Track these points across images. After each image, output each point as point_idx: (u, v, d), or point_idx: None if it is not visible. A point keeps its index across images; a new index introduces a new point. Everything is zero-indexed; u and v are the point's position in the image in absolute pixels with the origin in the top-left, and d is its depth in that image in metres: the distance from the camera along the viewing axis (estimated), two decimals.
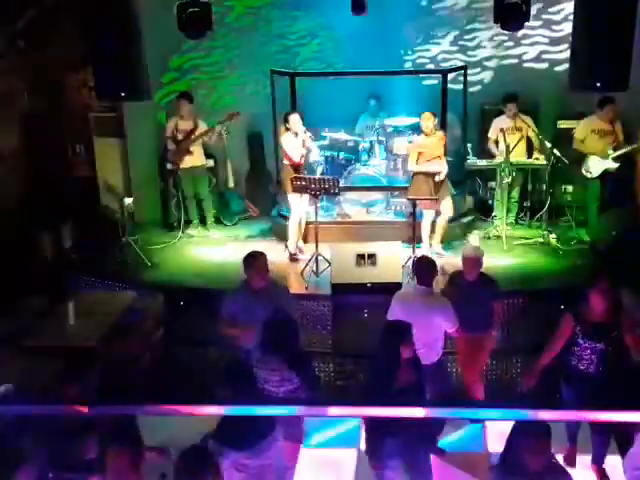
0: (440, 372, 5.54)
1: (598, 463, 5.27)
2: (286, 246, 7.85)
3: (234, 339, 5.51)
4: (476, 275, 5.64)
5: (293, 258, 7.74)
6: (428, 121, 7.40)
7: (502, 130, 8.02)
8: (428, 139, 7.49)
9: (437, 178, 7.44)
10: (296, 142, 7.56)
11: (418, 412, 2.46)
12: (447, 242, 7.89)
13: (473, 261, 5.67)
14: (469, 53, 8.94)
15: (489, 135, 8.29)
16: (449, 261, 7.30)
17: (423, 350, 5.05)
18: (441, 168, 7.45)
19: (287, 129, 7.60)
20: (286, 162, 7.65)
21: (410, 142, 7.90)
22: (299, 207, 7.72)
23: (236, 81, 9.13)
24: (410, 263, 7.03)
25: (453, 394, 5.78)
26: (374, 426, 4.53)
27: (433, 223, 7.69)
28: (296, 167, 7.60)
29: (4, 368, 5.34)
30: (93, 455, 4.03)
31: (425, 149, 7.48)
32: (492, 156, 8.20)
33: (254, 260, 5.53)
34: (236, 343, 5.48)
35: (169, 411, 2.41)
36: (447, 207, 7.62)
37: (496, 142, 8.23)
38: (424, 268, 5.51)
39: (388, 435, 4.41)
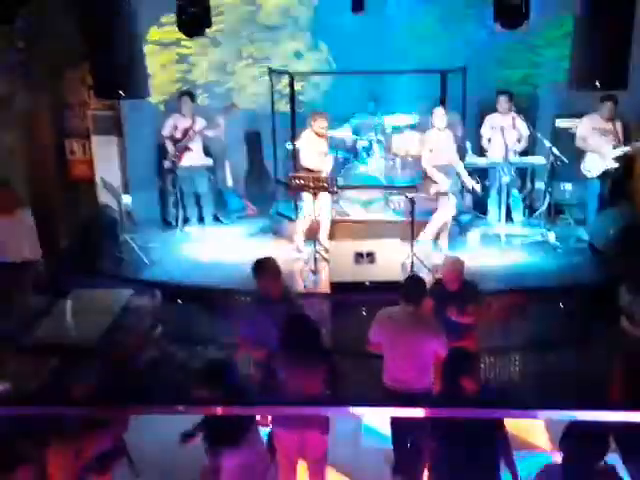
0: None
1: None
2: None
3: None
4: (458, 285, 5.40)
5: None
6: (440, 116, 7.46)
7: (502, 128, 7.99)
8: (438, 135, 7.52)
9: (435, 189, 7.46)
10: (313, 144, 7.54)
11: (418, 412, 2.45)
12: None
13: (454, 273, 5.40)
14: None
15: (481, 133, 8.27)
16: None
17: (414, 374, 4.74)
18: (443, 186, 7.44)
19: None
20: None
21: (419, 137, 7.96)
22: (309, 206, 7.54)
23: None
24: (408, 261, 7.03)
25: None
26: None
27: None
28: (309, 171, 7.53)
29: (2, 367, 5.33)
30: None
31: (435, 145, 7.50)
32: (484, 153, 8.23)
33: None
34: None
35: (168, 411, 2.41)
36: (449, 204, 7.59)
37: (489, 139, 8.21)
38: (415, 287, 4.97)
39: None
